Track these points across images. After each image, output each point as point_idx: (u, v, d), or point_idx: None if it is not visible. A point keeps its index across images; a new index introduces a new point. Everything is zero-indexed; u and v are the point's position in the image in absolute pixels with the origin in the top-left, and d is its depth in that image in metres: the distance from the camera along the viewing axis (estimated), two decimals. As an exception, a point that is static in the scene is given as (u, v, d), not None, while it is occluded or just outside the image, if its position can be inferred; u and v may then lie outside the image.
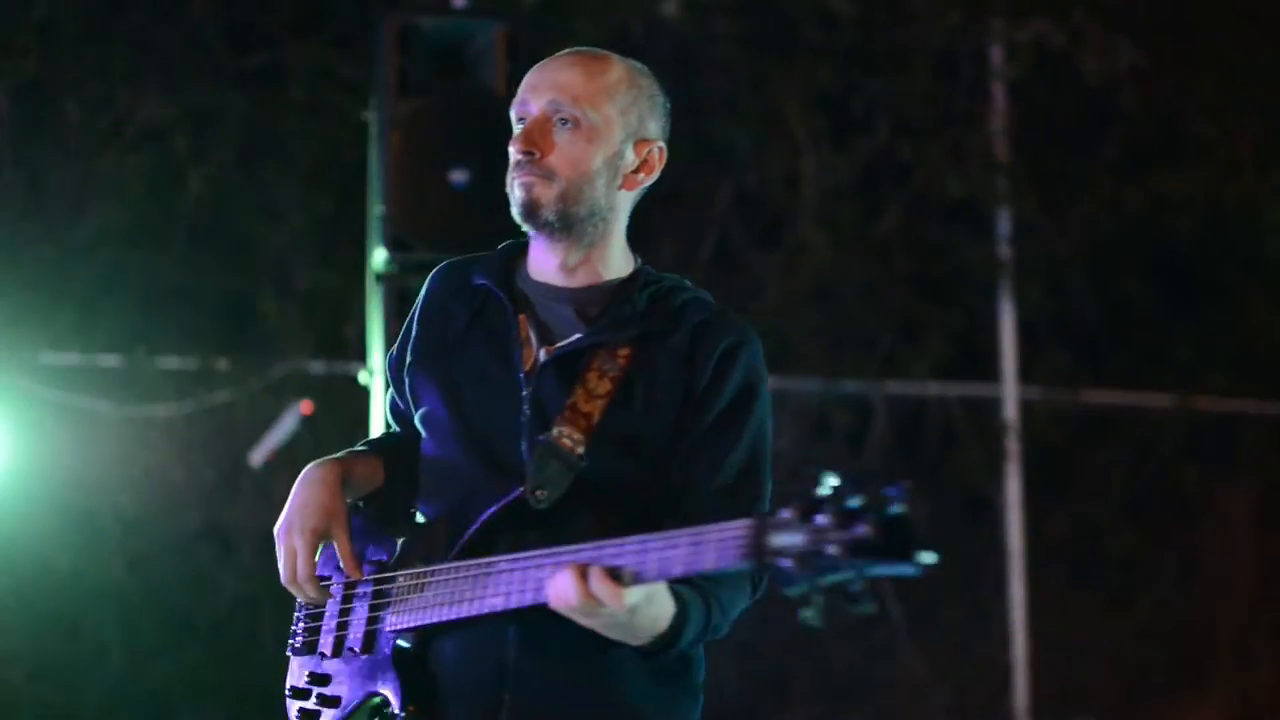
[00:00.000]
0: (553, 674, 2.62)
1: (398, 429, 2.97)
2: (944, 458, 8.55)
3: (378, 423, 5.17)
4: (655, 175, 2.80)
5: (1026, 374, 8.48)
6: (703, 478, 2.67)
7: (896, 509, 2.13)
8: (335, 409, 7.22)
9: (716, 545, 2.26)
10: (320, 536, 2.74)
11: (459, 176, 5.08)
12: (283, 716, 2.89)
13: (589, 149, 2.70)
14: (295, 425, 6.52)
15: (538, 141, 2.70)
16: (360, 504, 2.86)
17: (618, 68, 2.75)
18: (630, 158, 2.76)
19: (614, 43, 8.46)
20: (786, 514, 2.18)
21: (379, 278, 5.31)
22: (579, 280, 2.76)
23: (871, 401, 8.42)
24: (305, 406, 6.54)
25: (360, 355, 6.03)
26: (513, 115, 2.76)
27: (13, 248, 7.45)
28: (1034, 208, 8.52)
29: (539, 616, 2.48)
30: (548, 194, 2.69)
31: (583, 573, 2.38)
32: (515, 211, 2.73)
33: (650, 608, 2.46)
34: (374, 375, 5.31)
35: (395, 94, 5.17)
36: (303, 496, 2.76)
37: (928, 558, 2.12)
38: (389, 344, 5.16)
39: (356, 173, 5.73)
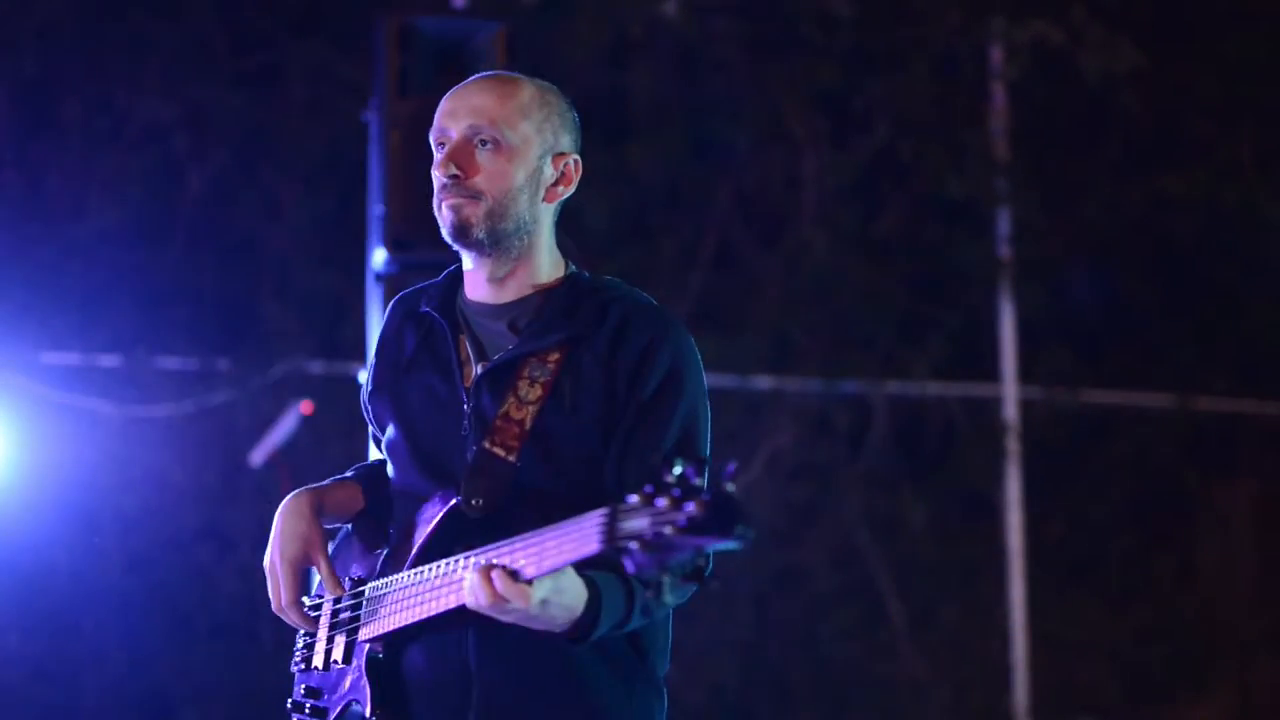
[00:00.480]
0: (514, 673, 2.74)
1: (380, 455, 3.07)
2: (944, 458, 8.55)
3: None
4: (573, 186, 2.89)
5: (1026, 374, 8.47)
6: (635, 470, 2.76)
7: (722, 487, 2.25)
8: (335, 409, 7.22)
9: (578, 534, 2.39)
10: (300, 563, 2.88)
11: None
12: (282, 715, 2.99)
13: (510, 167, 2.81)
14: (295, 425, 6.51)
15: (462, 164, 2.81)
16: (350, 526, 3.00)
17: (528, 88, 2.87)
18: (549, 172, 2.86)
19: (614, 43, 8.48)
20: (633, 499, 2.30)
21: (379, 278, 5.31)
22: (510, 294, 2.87)
23: (871, 401, 8.42)
24: (305, 406, 6.54)
25: (360, 355, 6.03)
26: (431, 141, 2.88)
27: (13, 248, 7.45)
28: (1034, 208, 8.51)
29: (497, 619, 2.60)
30: (476, 213, 2.81)
31: (486, 573, 2.51)
32: (446, 233, 2.84)
33: (562, 597, 2.57)
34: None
35: (395, 94, 5.17)
36: (280, 528, 2.90)
37: (746, 532, 2.23)
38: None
39: (356, 173, 5.73)
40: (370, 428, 3.07)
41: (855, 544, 8.33)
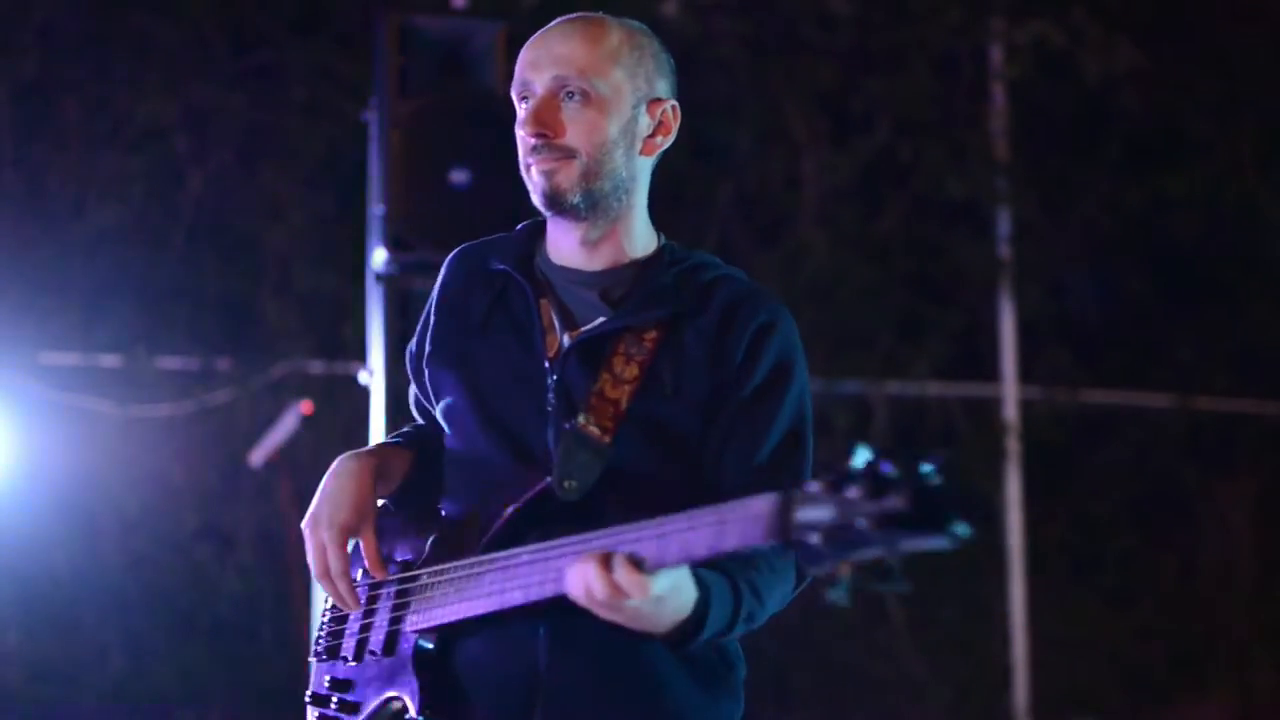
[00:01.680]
0: (587, 676, 2.51)
1: (423, 423, 2.83)
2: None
3: (378, 423, 5.17)
4: (673, 136, 2.66)
5: (1026, 374, 8.48)
6: (738, 459, 2.55)
7: (931, 479, 1.99)
8: (335, 409, 7.22)
9: (739, 523, 2.16)
10: (350, 532, 2.60)
11: (459, 176, 5.08)
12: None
13: (602, 119, 2.57)
14: (295, 425, 6.51)
15: (549, 122, 2.56)
16: (389, 505, 2.73)
17: (617, 30, 2.61)
18: (645, 121, 2.62)
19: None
20: (814, 487, 2.08)
21: (379, 278, 5.31)
22: (602, 260, 2.63)
23: (871, 401, 8.42)
24: (305, 406, 6.53)
25: (360, 355, 6.03)
26: (514, 96, 2.63)
27: (13, 248, 7.46)
28: (1034, 208, 8.52)
29: (572, 615, 2.36)
30: (570, 176, 2.56)
31: (605, 561, 2.26)
32: (537, 200, 2.60)
33: (677, 596, 2.34)
34: (374, 375, 5.31)
35: (395, 94, 5.16)
36: (333, 488, 2.63)
37: (962, 529, 1.97)
38: (389, 344, 5.18)
39: (356, 173, 5.73)
40: (412, 390, 2.80)
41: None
